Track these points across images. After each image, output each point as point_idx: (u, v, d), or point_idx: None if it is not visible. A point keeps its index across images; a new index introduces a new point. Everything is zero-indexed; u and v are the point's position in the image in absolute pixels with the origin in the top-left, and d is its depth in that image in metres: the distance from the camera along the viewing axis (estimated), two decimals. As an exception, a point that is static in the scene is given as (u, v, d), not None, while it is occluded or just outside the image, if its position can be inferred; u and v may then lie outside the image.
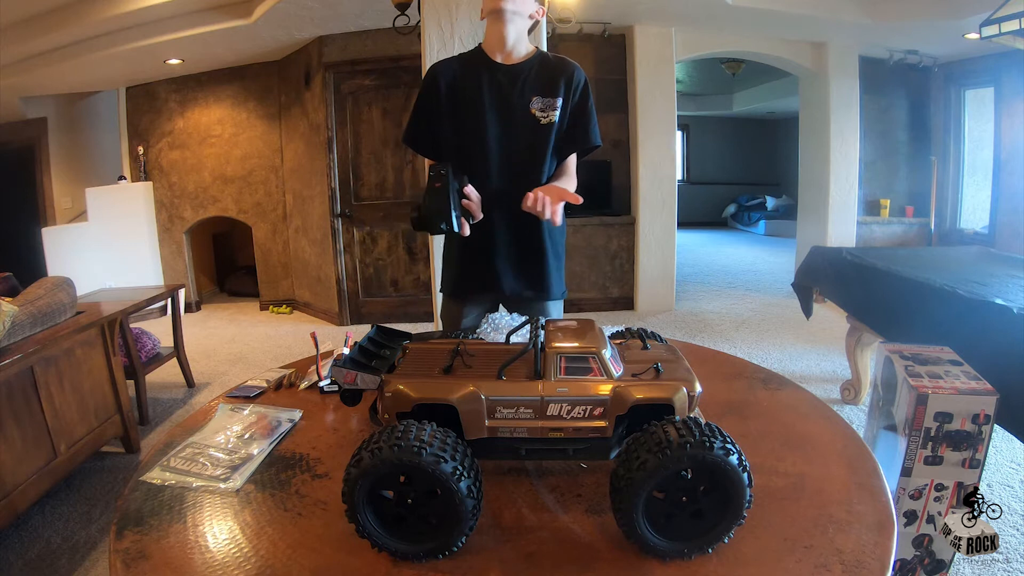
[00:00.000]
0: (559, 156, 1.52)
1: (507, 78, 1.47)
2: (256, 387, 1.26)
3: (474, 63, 1.50)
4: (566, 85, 1.47)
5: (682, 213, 5.21)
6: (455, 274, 1.60)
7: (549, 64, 1.49)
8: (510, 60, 1.48)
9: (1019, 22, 2.96)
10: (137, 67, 4.82)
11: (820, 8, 4.22)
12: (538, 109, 1.46)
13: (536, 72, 1.48)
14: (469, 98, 1.48)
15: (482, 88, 1.47)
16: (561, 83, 1.47)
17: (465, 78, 1.50)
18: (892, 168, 5.51)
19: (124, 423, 2.64)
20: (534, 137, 1.47)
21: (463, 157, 1.48)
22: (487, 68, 1.48)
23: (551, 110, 1.46)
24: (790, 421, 1.06)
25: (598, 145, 1.52)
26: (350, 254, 4.86)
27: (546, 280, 1.55)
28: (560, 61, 1.50)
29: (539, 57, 1.50)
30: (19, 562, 1.95)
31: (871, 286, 2.66)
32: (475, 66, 1.50)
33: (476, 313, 1.62)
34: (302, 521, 0.80)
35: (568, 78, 1.47)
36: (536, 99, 1.46)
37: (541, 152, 1.48)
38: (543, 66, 1.49)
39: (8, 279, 2.64)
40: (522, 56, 1.49)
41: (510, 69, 1.48)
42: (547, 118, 1.46)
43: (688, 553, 0.71)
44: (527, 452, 0.82)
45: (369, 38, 4.55)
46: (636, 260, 4.97)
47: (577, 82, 1.48)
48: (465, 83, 1.49)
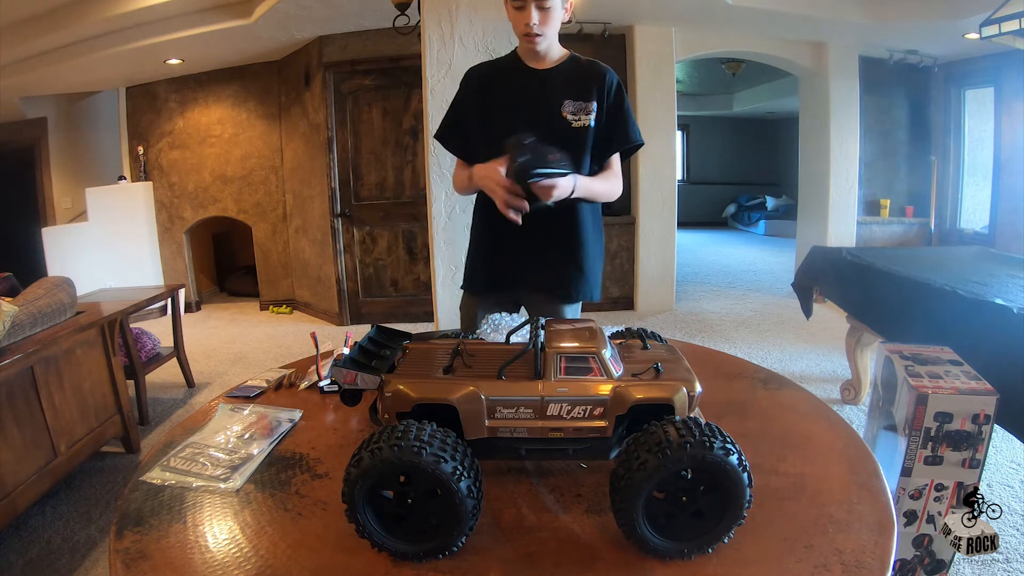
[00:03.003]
0: (600, 158, 1.53)
1: (538, 82, 1.50)
2: (256, 387, 1.26)
3: (507, 68, 1.54)
4: (599, 88, 1.49)
5: (682, 213, 5.21)
6: (480, 270, 1.61)
7: (581, 68, 1.52)
8: (543, 65, 1.52)
9: (1019, 22, 2.96)
10: (137, 67, 4.82)
11: (820, 8, 4.22)
12: (570, 112, 1.48)
13: (567, 76, 1.50)
14: (500, 102, 1.52)
15: (513, 92, 1.51)
16: (594, 87, 1.48)
17: (497, 82, 1.54)
18: (892, 168, 5.51)
19: (124, 423, 2.64)
20: (566, 140, 1.48)
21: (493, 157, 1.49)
22: (519, 73, 1.52)
23: (584, 114, 1.48)
24: (790, 421, 1.06)
25: (641, 143, 1.54)
26: (350, 254, 4.86)
27: (569, 283, 1.55)
28: (592, 64, 1.52)
29: (571, 61, 1.53)
30: (19, 562, 1.95)
31: (871, 286, 2.66)
32: (508, 71, 1.54)
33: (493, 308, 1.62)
34: (302, 521, 0.80)
35: (600, 81, 1.49)
36: (567, 103, 1.48)
37: (575, 153, 1.48)
38: (574, 70, 1.51)
39: (8, 279, 2.64)
40: (555, 60, 1.52)
41: (542, 74, 1.51)
42: (579, 121, 1.48)
43: (688, 553, 0.71)
44: (527, 452, 0.82)
45: (369, 38, 4.55)
46: (636, 260, 4.97)
47: (610, 84, 1.50)
48: (497, 87, 1.53)
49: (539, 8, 1.40)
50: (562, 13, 1.45)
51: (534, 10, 1.39)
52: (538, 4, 1.39)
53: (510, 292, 1.62)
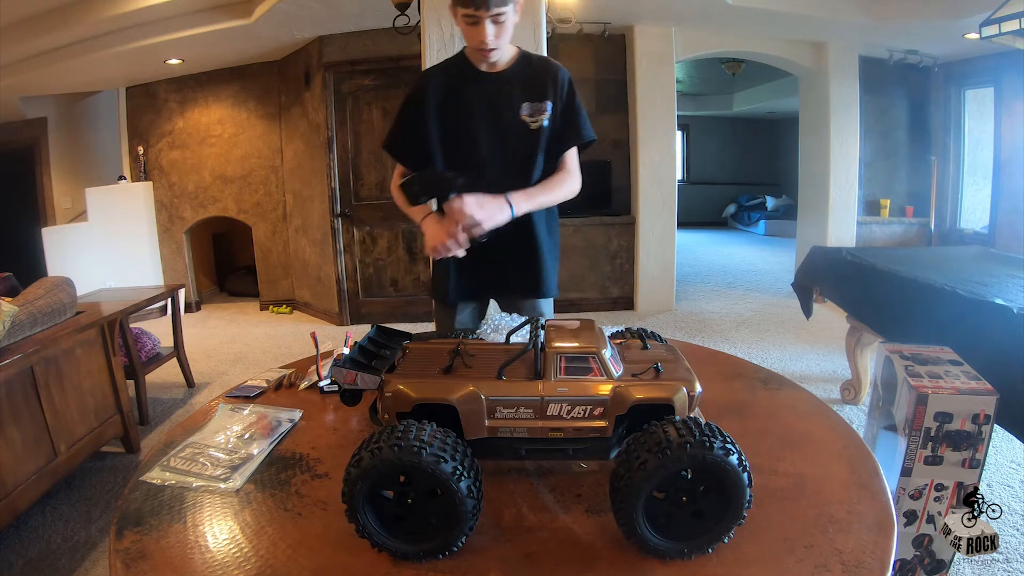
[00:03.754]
0: (552, 156, 1.52)
1: (495, 87, 1.47)
2: (256, 387, 1.26)
3: (461, 73, 1.50)
4: (553, 88, 1.47)
5: (682, 213, 5.21)
6: (449, 281, 1.58)
7: (533, 68, 1.50)
8: (495, 68, 1.48)
9: (1019, 22, 2.96)
10: (137, 67, 4.82)
11: (820, 8, 4.22)
12: (527, 115, 1.47)
13: (523, 77, 1.48)
14: (459, 111, 1.48)
15: (471, 100, 1.48)
16: (548, 87, 1.47)
17: (453, 89, 1.49)
18: (892, 168, 5.51)
19: (124, 423, 2.64)
20: (526, 143, 1.48)
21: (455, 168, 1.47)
22: (474, 78, 1.48)
23: (540, 114, 1.47)
24: (790, 421, 1.06)
25: (593, 139, 1.53)
26: (350, 254, 4.86)
27: (542, 282, 1.56)
28: (543, 63, 1.51)
29: (523, 60, 1.50)
30: (19, 562, 1.95)
31: (871, 286, 2.66)
32: (462, 76, 1.49)
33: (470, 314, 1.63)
34: (302, 521, 0.80)
35: (554, 80, 1.48)
36: (525, 105, 1.47)
37: (533, 156, 1.49)
38: (528, 70, 1.49)
39: (8, 279, 2.64)
40: (506, 62, 1.49)
41: (496, 78, 1.48)
42: (536, 123, 1.47)
43: (688, 553, 0.71)
44: (527, 452, 0.82)
45: (369, 38, 4.55)
46: (636, 260, 4.97)
47: (563, 82, 1.49)
48: (453, 95, 1.49)
49: (494, 23, 1.34)
50: (514, 17, 1.39)
51: (489, 24, 1.34)
52: (493, 18, 1.33)
53: (483, 297, 1.63)
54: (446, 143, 1.50)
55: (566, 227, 4.82)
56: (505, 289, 1.60)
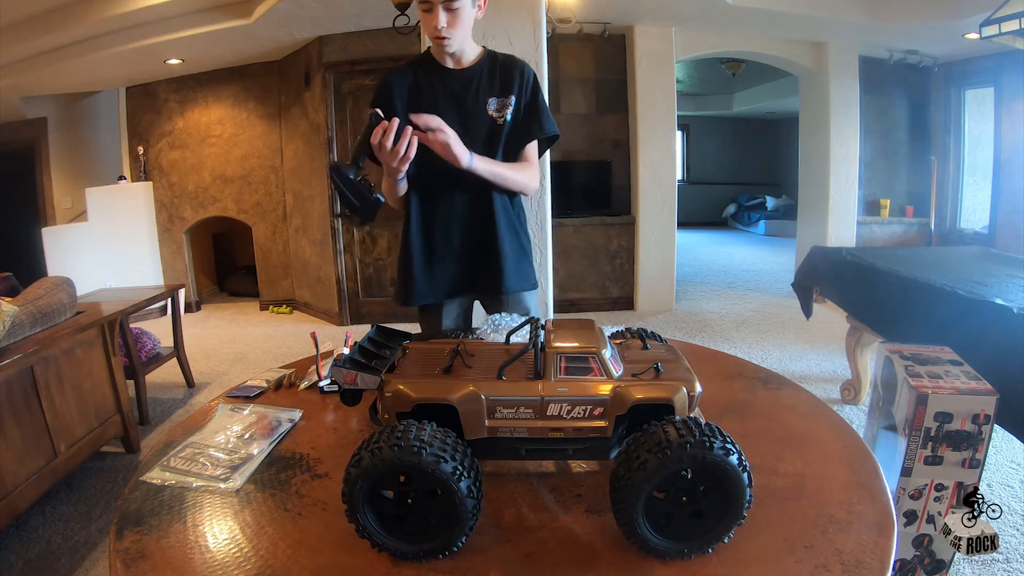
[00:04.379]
0: (513, 149, 1.53)
1: (461, 84, 1.49)
2: (256, 387, 1.26)
3: (427, 71, 1.51)
4: (518, 83, 1.50)
5: (682, 213, 5.21)
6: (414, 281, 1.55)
7: (499, 64, 1.52)
8: (461, 65, 1.50)
9: (1019, 22, 2.96)
10: (137, 67, 4.82)
11: (820, 8, 4.22)
12: (494, 110, 1.49)
13: (489, 74, 1.50)
14: (427, 105, 1.47)
15: (438, 97, 1.49)
16: (513, 83, 1.49)
17: (422, 85, 1.51)
18: (892, 168, 5.51)
19: (124, 423, 2.64)
20: (492, 138, 1.50)
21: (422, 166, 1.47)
22: (439, 76, 1.50)
23: (506, 109, 1.49)
24: (790, 421, 1.06)
25: (555, 135, 1.55)
26: (350, 254, 4.86)
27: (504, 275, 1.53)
28: (509, 59, 1.53)
29: (489, 58, 1.52)
30: (19, 562, 1.95)
31: (871, 286, 2.66)
32: (428, 74, 1.51)
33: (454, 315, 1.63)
34: (302, 521, 0.80)
35: (520, 76, 1.50)
36: (492, 100, 1.49)
37: (495, 150, 1.51)
38: (494, 67, 1.51)
39: (8, 279, 2.64)
40: (472, 59, 1.51)
41: (462, 74, 1.50)
42: (502, 118, 1.49)
43: (688, 553, 0.71)
44: (527, 452, 0.82)
45: (369, 38, 4.55)
46: (636, 260, 4.97)
47: (527, 77, 1.51)
48: (419, 91, 1.50)
49: (446, 10, 1.37)
50: (474, 12, 1.43)
51: (441, 12, 1.37)
52: (445, 6, 1.37)
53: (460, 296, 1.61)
54: None
55: (566, 227, 4.82)
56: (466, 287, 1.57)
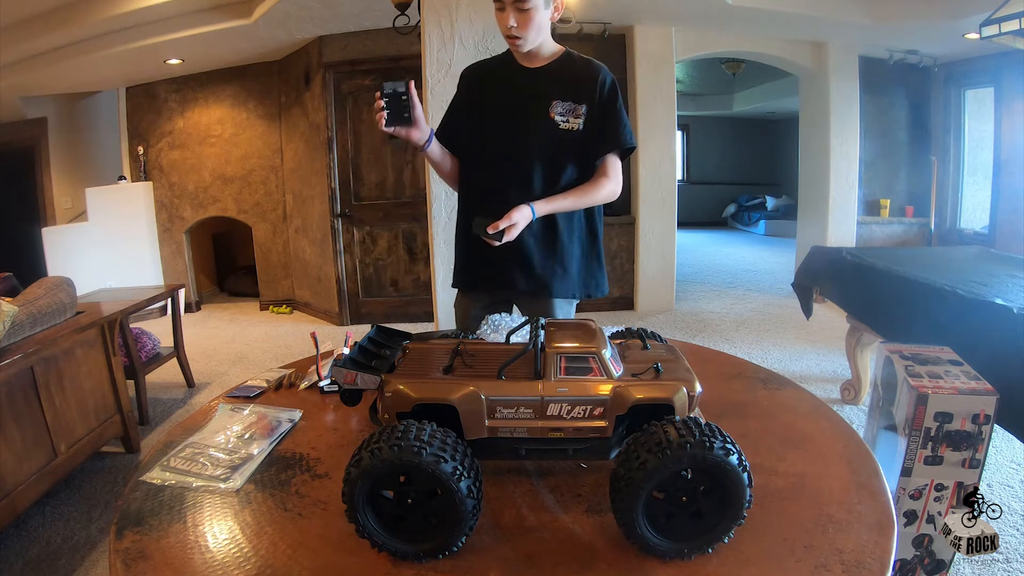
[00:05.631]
0: (587, 161, 1.50)
1: (528, 81, 1.48)
2: (256, 387, 1.26)
3: (501, 66, 1.53)
4: (590, 89, 1.45)
5: (682, 213, 5.21)
6: (465, 268, 1.61)
7: (574, 67, 1.48)
8: (534, 63, 1.49)
9: (1019, 22, 2.96)
10: (137, 67, 4.82)
11: (820, 8, 4.22)
12: (558, 113, 1.45)
13: (558, 75, 1.47)
14: (491, 102, 1.50)
15: (503, 92, 1.50)
16: (585, 88, 1.45)
17: (490, 81, 1.53)
18: (892, 168, 5.51)
19: (124, 423, 2.64)
20: (552, 141, 1.46)
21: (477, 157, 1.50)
22: (511, 72, 1.50)
23: (573, 116, 1.45)
24: (790, 421, 1.06)
25: (632, 146, 1.50)
26: (350, 254, 4.86)
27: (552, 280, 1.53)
28: (585, 63, 1.49)
29: (565, 58, 1.50)
30: (19, 562, 1.95)
31: (871, 286, 2.66)
32: (500, 70, 1.53)
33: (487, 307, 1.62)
34: (302, 521, 0.80)
35: (592, 82, 1.46)
36: (557, 103, 1.45)
37: (560, 156, 1.47)
38: (566, 69, 1.48)
39: (8, 279, 2.64)
40: (547, 57, 1.49)
41: (532, 73, 1.49)
42: (568, 124, 1.45)
43: (688, 553, 0.71)
44: (527, 452, 0.82)
45: (369, 38, 4.55)
46: (636, 260, 4.97)
47: (603, 83, 1.46)
48: (489, 87, 1.52)
49: (517, 10, 1.37)
50: (548, 13, 1.41)
51: (512, 12, 1.37)
52: (516, 6, 1.36)
53: (500, 291, 1.61)
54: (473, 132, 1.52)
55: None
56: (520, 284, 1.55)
